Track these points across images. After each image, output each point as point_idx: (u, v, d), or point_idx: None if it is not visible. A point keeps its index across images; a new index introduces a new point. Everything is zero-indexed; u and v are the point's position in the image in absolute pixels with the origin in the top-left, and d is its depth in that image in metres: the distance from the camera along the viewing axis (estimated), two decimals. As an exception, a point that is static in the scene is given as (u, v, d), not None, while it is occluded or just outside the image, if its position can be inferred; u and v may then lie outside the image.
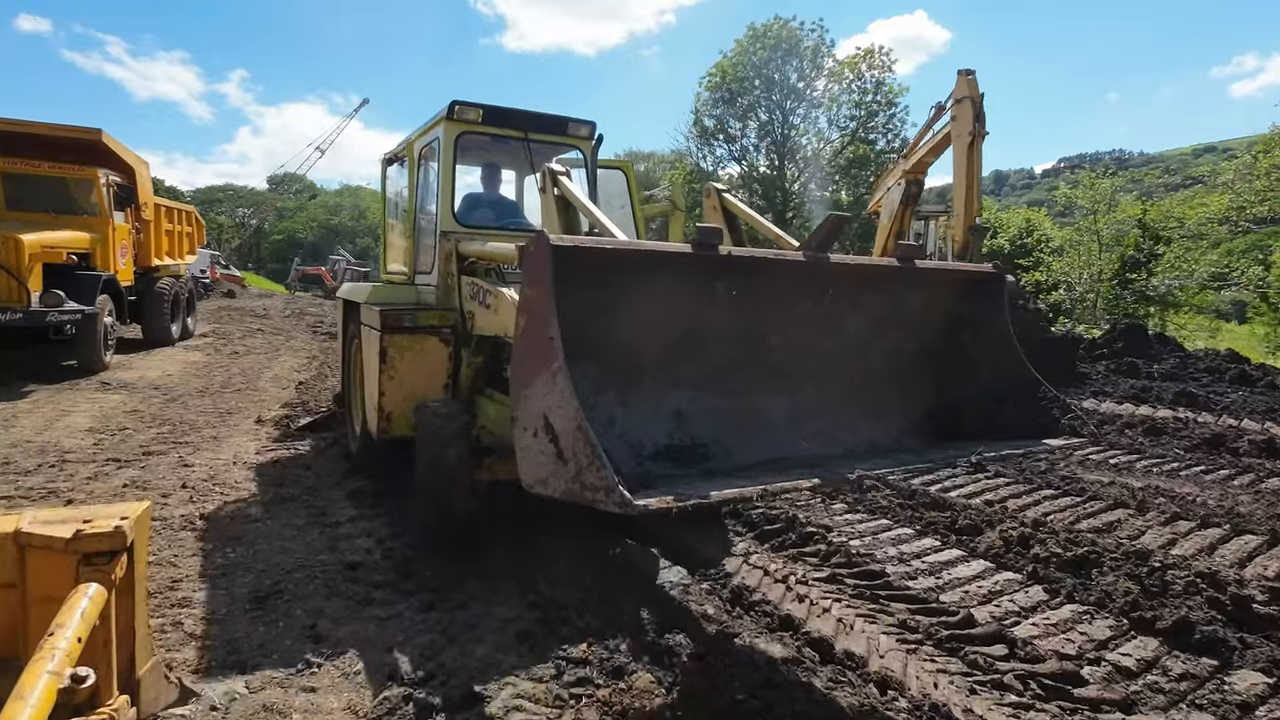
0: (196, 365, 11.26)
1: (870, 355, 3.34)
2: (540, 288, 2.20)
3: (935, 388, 3.51)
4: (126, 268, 11.10)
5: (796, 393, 3.14)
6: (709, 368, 2.91)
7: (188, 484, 5.30)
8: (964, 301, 3.47)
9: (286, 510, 4.86)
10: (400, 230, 6.06)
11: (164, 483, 5.33)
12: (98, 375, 9.72)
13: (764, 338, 3.00)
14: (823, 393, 3.20)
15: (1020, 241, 34.80)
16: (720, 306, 2.79)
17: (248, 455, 6.27)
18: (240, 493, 5.20)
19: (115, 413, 7.83)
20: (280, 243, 74.55)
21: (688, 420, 2.86)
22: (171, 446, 6.45)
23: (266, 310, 22.37)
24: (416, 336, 4.64)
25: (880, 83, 38.13)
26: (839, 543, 4.29)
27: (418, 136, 5.57)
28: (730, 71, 38.31)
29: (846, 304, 3.15)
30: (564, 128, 5.32)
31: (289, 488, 5.34)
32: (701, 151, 40.42)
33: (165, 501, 4.89)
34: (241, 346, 13.78)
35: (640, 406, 2.75)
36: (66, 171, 10.01)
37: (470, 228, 5.03)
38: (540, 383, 2.11)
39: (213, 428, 7.32)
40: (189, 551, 4.11)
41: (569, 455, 2.01)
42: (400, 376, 4.63)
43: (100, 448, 6.39)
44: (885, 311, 3.31)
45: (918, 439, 3.34)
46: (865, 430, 3.26)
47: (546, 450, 2.08)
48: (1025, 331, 5.00)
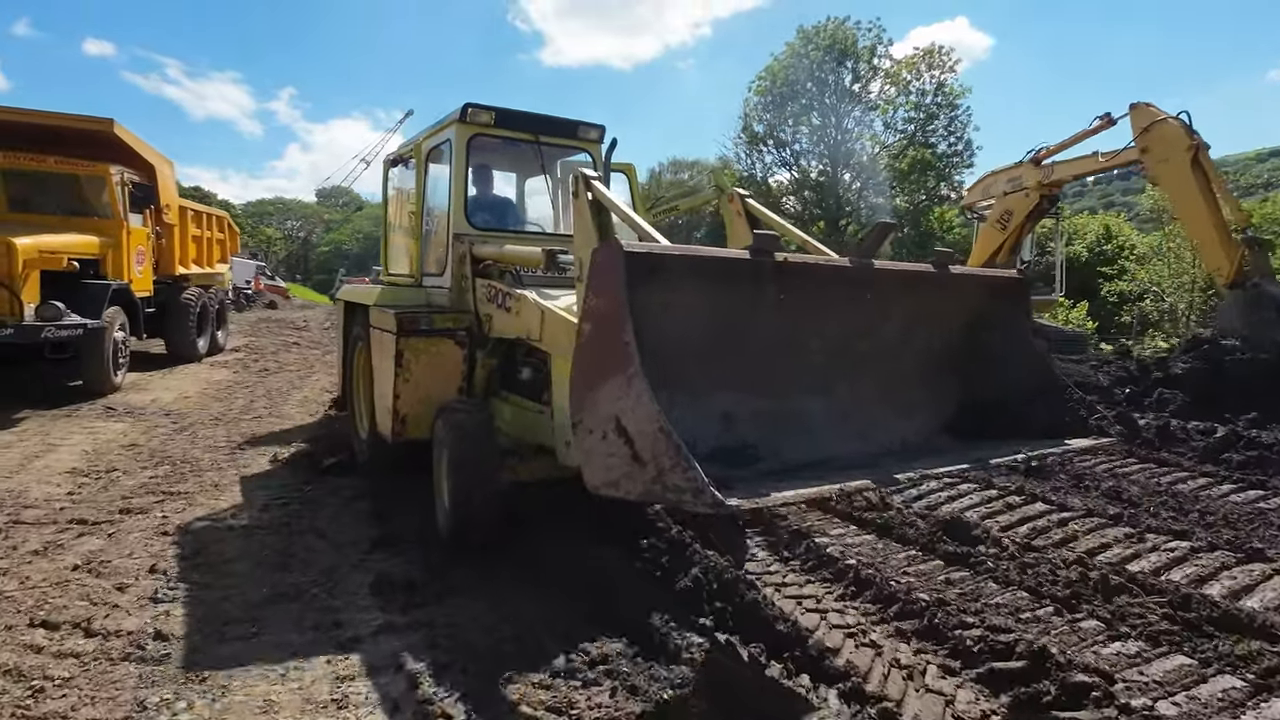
0: (219, 386, 10.04)
1: (903, 357, 3.39)
2: (613, 293, 2.22)
3: (963, 388, 3.52)
4: (144, 276, 9.94)
5: (833, 394, 3.19)
6: (753, 369, 2.93)
7: (159, 565, 3.88)
8: (990, 305, 3.51)
9: (284, 617, 3.38)
10: (406, 232, 5.93)
11: (129, 563, 3.92)
12: (105, 398, 8.54)
13: (805, 340, 3.04)
14: (858, 393, 3.24)
15: (1099, 249, 32.41)
16: (766, 309, 2.82)
17: (252, 513, 4.86)
18: (226, 581, 3.76)
19: (110, 448, 6.55)
20: (327, 254, 75.11)
21: (735, 421, 2.88)
22: (159, 500, 5.09)
23: (306, 322, 21.42)
24: (432, 339, 4.63)
25: (941, 84, 36.19)
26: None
27: (425, 138, 5.48)
28: (781, 75, 36.74)
29: (884, 308, 3.21)
30: (574, 131, 5.30)
31: (294, 572, 3.89)
32: (750, 158, 38.85)
33: (117, 601, 3.46)
34: (273, 363, 12.61)
35: (690, 407, 2.74)
36: (75, 168, 8.89)
37: (481, 230, 5.02)
38: (612, 386, 2.14)
39: (218, 469, 5.97)
40: (114, 707, 2.66)
41: (647, 457, 2.03)
42: (416, 379, 4.61)
43: (73, 499, 5.06)
44: (918, 315, 3.35)
45: (947, 438, 3.39)
46: (898, 429, 3.30)
47: (620, 452, 2.09)
48: None
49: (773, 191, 37.96)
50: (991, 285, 3.61)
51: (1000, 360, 3.42)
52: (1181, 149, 10.58)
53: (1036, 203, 12.67)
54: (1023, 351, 3.43)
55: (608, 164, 5.44)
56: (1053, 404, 3.25)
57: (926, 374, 3.46)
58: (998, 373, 3.40)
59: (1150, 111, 11.05)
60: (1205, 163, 10.52)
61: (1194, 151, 10.58)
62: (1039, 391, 3.29)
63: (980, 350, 3.48)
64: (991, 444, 3.10)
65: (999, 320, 3.48)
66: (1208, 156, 10.59)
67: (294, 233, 77.07)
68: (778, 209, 37.79)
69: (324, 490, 5.43)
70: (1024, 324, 3.49)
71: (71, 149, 9.06)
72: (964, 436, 3.36)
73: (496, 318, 4.37)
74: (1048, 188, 12.61)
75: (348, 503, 5.16)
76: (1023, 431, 3.18)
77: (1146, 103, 11.28)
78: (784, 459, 2.81)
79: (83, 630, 3.16)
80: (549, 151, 5.36)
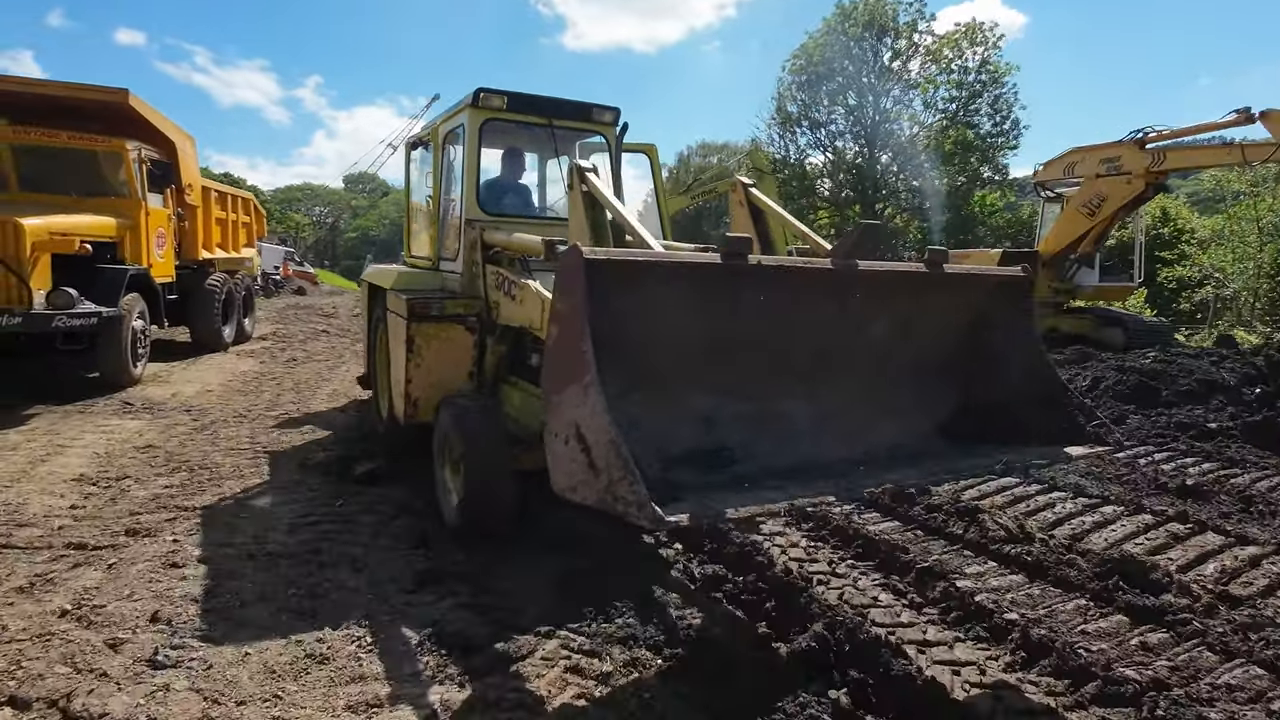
0: (244, 377, 9.43)
1: (896, 359, 3.26)
2: (573, 300, 2.20)
3: (961, 390, 3.35)
4: (165, 261, 9.32)
5: (821, 397, 3.08)
6: (735, 372, 2.86)
7: (163, 611, 3.18)
8: (989, 305, 3.33)
9: (313, 690, 2.65)
10: (425, 215, 5.94)
11: (128, 608, 3.22)
12: (123, 392, 7.94)
13: (790, 342, 2.93)
14: (848, 396, 3.13)
15: (1155, 232, 30.77)
16: (747, 311, 2.73)
17: (277, 536, 4.16)
18: (242, 634, 3.04)
19: (123, 450, 5.92)
20: (354, 240, 75.14)
21: (714, 424, 2.83)
22: (172, 517, 4.41)
23: (335, 309, 20.93)
24: (443, 325, 4.65)
25: (985, 61, 34.58)
26: None
27: (442, 122, 5.46)
28: (817, 53, 35.39)
29: (872, 309, 3.07)
30: (588, 114, 5.21)
31: (325, 622, 3.16)
32: (784, 139, 37.55)
33: (106, 668, 2.75)
34: (301, 352, 12.01)
35: (667, 410, 2.70)
36: (89, 143, 8.24)
37: (494, 216, 4.98)
38: (571, 393, 2.13)
39: (240, 477, 5.30)
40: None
41: (601, 466, 2.03)
42: (427, 364, 4.65)
43: (75, 515, 4.41)
44: (911, 316, 3.21)
45: (943, 442, 3.24)
46: (890, 433, 3.15)
47: (578, 459, 2.09)
48: None
49: (808, 174, 36.75)
50: (991, 284, 3.39)
51: (1001, 361, 3.28)
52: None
53: (1140, 191, 11.31)
54: (1024, 352, 3.26)
55: (619, 147, 5.33)
56: (1054, 409, 3.09)
57: (922, 376, 3.33)
58: (998, 374, 3.27)
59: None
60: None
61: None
62: (1040, 394, 3.15)
63: (980, 351, 3.34)
64: (989, 449, 3.05)
65: (999, 320, 3.31)
66: None
67: (322, 219, 77.20)
68: (812, 192, 36.71)
69: (358, 505, 4.72)
70: (1026, 323, 3.30)
71: (86, 124, 8.43)
72: (961, 440, 3.21)
73: (504, 305, 4.37)
74: (1156, 175, 11.19)
75: (386, 522, 4.44)
76: (1023, 436, 3.07)
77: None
78: (762, 462, 2.73)
79: (59, 712, 2.47)
80: (565, 135, 5.33)
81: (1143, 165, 11.20)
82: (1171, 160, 11.15)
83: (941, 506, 4.51)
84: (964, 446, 3.15)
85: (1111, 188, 11.70)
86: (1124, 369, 7.69)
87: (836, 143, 37.01)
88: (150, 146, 8.96)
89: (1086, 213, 12.08)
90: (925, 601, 3.56)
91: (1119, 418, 6.73)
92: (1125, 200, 11.63)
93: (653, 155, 5.93)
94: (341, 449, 6.01)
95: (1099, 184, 11.84)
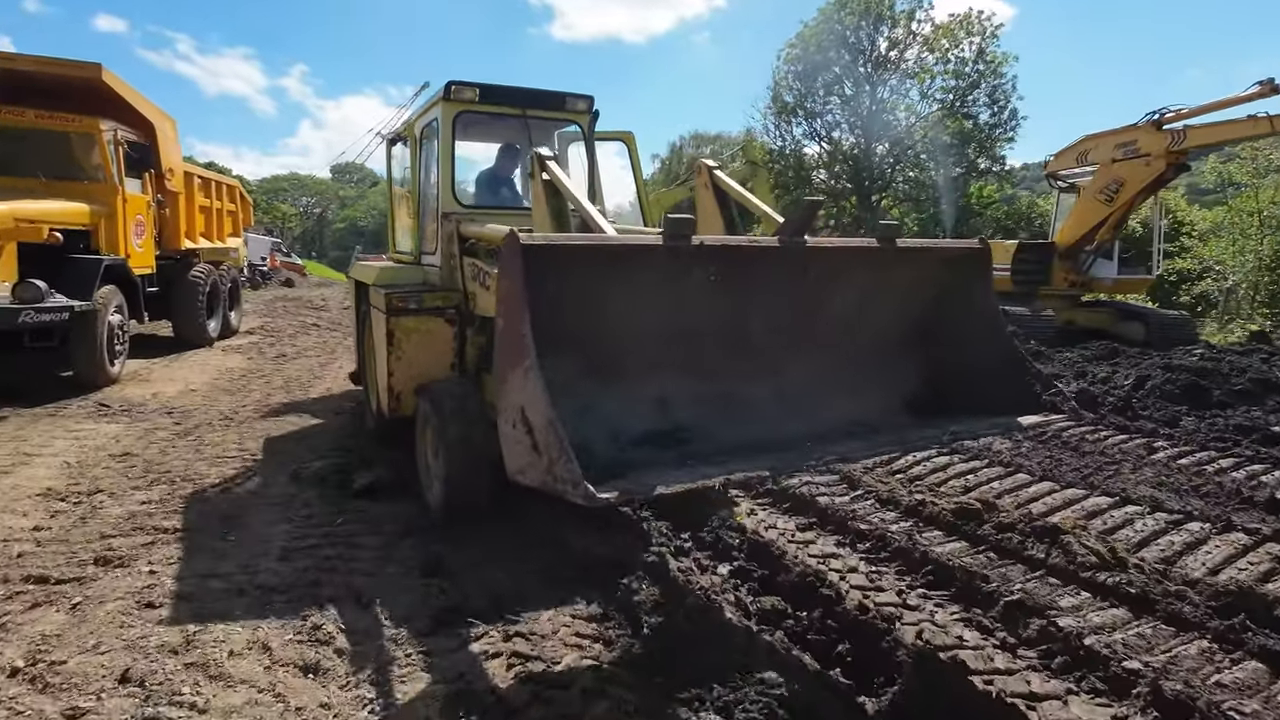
0: (231, 375, 8.86)
1: (855, 334, 3.29)
2: (513, 285, 2.21)
3: (924, 364, 3.40)
4: (145, 251, 8.72)
5: (780, 375, 3.10)
6: (691, 353, 2.88)
7: (134, 669, 2.66)
8: (950, 279, 3.34)
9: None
10: (406, 210, 6.00)
11: (93, 663, 2.70)
12: (100, 392, 7.38)
13: (746, 321, 2.97)
14: (808, 373, 3.15)
15: (1154, 224, 30.51)
16: (701, 292, 2.76)
17: (269, 564, 3.65)
18: (229, 698, 2.53)
19: (97, 458, 5.38)
20: (343, 230, 74.00)
21: (670, 405, 2.84)
22: (149, 541, 3.89)
23: (325, 301, 20.31)
24: (422, 318, 4.69)
25: (982, 50, 34.13)
26: None
27: (418, 117, 5.55)
28: (814, 42, 34.85)
29: (828, 286, 3.11)
30: (561, 103, 5.22)
31: (330, 679, 2.66)
32: (779, 129, 36.98)
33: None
34: (291, 347, 11.43)
35: (622, 393, 2.73)
36: (59, 123, 7.62)
37: (475, 208, 5.09)
38: (515, 377, 2.15)
39: (227, 491, 4.78)
40: None
41: (542, 448, 2.05)
42: (408, 357, 4.69)
43: (39, 538, 3.89)
44: (871, 292, 3.23)
45: (906, 416, 3.25)
46: (851, 409, 3.14)
47: (524, 441, 2.12)
48: None
49: (805, 164, 36.34)
50: (948, 258, 3.41)
51: (962, 334, 3.31)
52: None
53: (1160, 172, 11.05)
54: (984, 325, 3.29)
55: (592, 134, 5.40)
56: (1012, 380, 3.14)
57: (884, 352, 3.37)
58: (960, 347, 3.31)
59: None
60: None
61: None
62: (1000, 365, 3.19)
63: (942, 325, 3.37)
64: (946, 421, 3.04)
65: (959, 294, 3.33)
66: None
67: (309, 209, 75.96)
68: (808, 183, 36.32)
69: (361, 524, 4.21)
70: (986, 296, 3.33)
71: (57, 103, 7.80)
72: (925, 414, 3.23)
73: (480, 296, 4.43)
74: (1176, 155, 10.94)
75: (393, 544, 3.94)
76: (985, 407, 3.10)
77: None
78: (718, 441, 2.74)
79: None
80: (541, 125, 5.32)
81: (1162, 146, 11.00)
82: (1194, 137, 10.87)
83: (1014, 525, 4.06)
84: (924, 419, 3.17)
85: (1130, 171, 11.50)
86: (1171, 367, 7.27)
87: (833, 133, 36.58)
88: (127, 128, 8.34)
89: (1104, 199, 11.87)
90: (1019, 641, 3.10)
91: (1172, 419, 6.31)
92: (1145, 183, 11.41)
93: (630, 142, 5.91)
94: (338, 457, 5.50)
95: (1116, 169, 11.65)
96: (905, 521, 4.39)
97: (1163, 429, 6.14)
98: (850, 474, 5.14)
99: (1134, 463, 5.31)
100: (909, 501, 4.58)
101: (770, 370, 3.08)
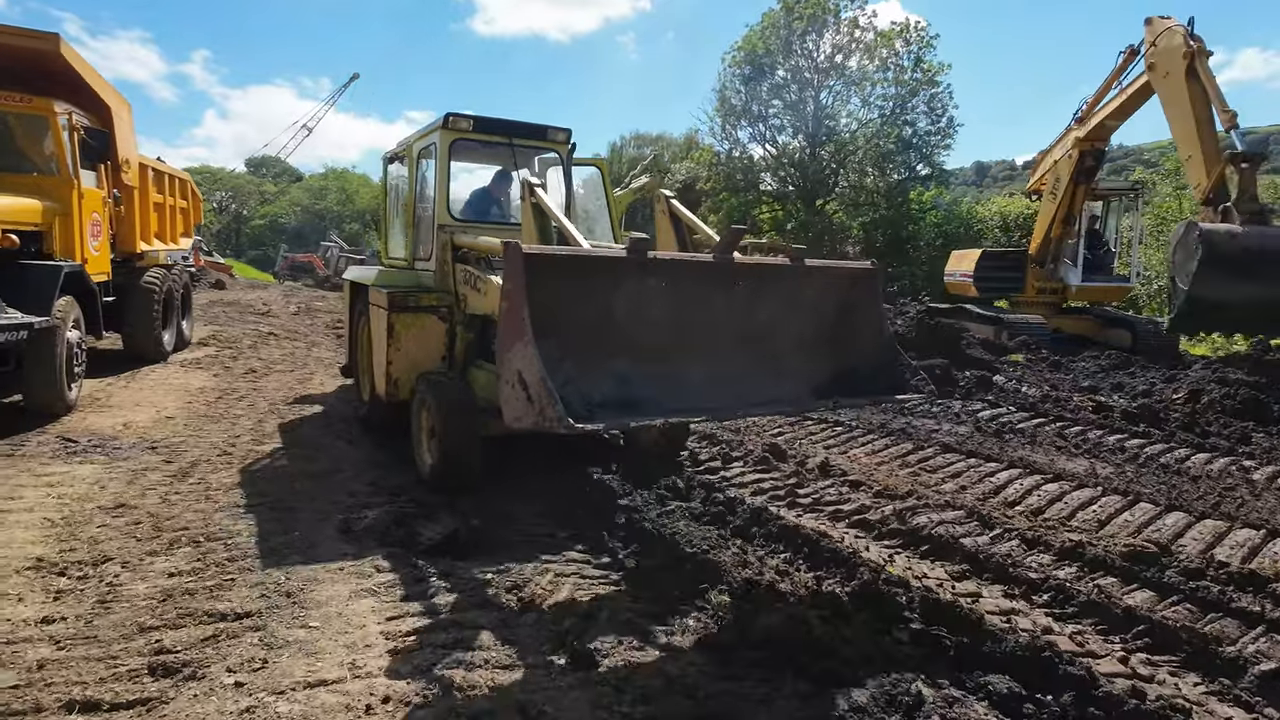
0: (204, 397, 7.75)
1: (776, 333, 4.00)
2: (515, 283, 2.95)
3: (831, 359, 4.13)
4: (101, 255, 7.51)
5: (715, 363, 3.80)
6: (644, 343, 3.55)
7: None
8: (850, 292, 4.16)
9: None
10: (401, 221, 6.85)
11: None
12: (57, 422, 6.24)
13: (689, 321, 3.71)
14: (738, 364, 3.87)
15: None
16: (654, 296, 3.54)
17: (374, 661, 2.90)
18: None
19: (87, 511, 4.42)
20: (261, 228, 69.81)
21: (628, 381, 3.48)
22: (210, 635, 3.06)
23: (268, 306, 18.80)
24: (419, 315, 5.51)
25: (919, 59, 35.04)
26: None
27: (416, 139, 6.25)
28: (760, 45, 34.96)
29: (755, 295, 3.88)
30: (544, 134, 6.02)
31: None
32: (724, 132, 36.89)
33: None
34: (257, 361, 10.27)
35: (591, 371, 3.33)
36: (6, 104, 6.42)
37: (466, 221, 5.88)
38: (517, 348, 2.88)
39: (273, 552, 3.93)
40: None
41: (535, 399, 2.77)
42: (405, 349, 5.49)
43: (54, 636, 3.00)
44: (785, 299, 3.97)
45: (812, 399, 4.13)
46: (770, 391, 3.88)
47: (520, 396, 2.85)
48: None
49: (754, 166, 36.50)
50: (847, 275, 4.23)
51: (857, 336, 4.11)
52: (1178, 57, 9.90)
53: (1078, 160, 12.45)
54: (871, 328, 4.12)
55: (570, 161, 6.29)
56: (891, 368, 4.07)
57: (800, 348, 4.08)
58: (856, 346, 4.11)
59: (1160, 22, 10.45)
60: (1202, 70, 9.68)
61: (1190, 58, 9.76)
62: (882, 359, 4.07)
63: (843, 328, 4.13)
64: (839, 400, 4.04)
65: (856, 304, 4.14)
66: (1205, 64, 9.76)
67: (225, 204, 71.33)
68: (755, 186, 36.46)
69: (467, 597, 3.48)
70: (874, 306, 4.16)
71: (4, 81, 6.57)
72: (825, 395, 4.03)
73: (470, 297, 5.24)
74: (1087, 141, 12.36)
75: (530, 630, 3.23)
76: (869, 390, 4.05)
77: (1163, 16, 10.59)
78: (666, 409, 3.46)
79: None
80: (524, 151, 6.05)
81: (1073, 139, 12.61)
82: (1092, 120, 12.31)
83: (1203, 572, 3.71)
84: (824, 398, 4.07)
85: (1062, 165, 12.97)
86: (1226, 381, 7.23)
87: (779, 137, 36.78)
88: (82, 112, 7.14)
89: (1052, 198, 13.18)
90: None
91: (1244, 436, 6.20)
92: (1070, 173, 12.72)
93: (603, 168, 6.83)
94: (386, 502, 4.72)
95: (1057, 166, 13.14)
96: (1068, 565, 3.99)
97: (1239, 446, 6.02)
98: (973, 507, 4.74)
99: (1249, 487, 5.12)
100: (1059, 542, 4.19)
101: (707, 359, 3.77)
